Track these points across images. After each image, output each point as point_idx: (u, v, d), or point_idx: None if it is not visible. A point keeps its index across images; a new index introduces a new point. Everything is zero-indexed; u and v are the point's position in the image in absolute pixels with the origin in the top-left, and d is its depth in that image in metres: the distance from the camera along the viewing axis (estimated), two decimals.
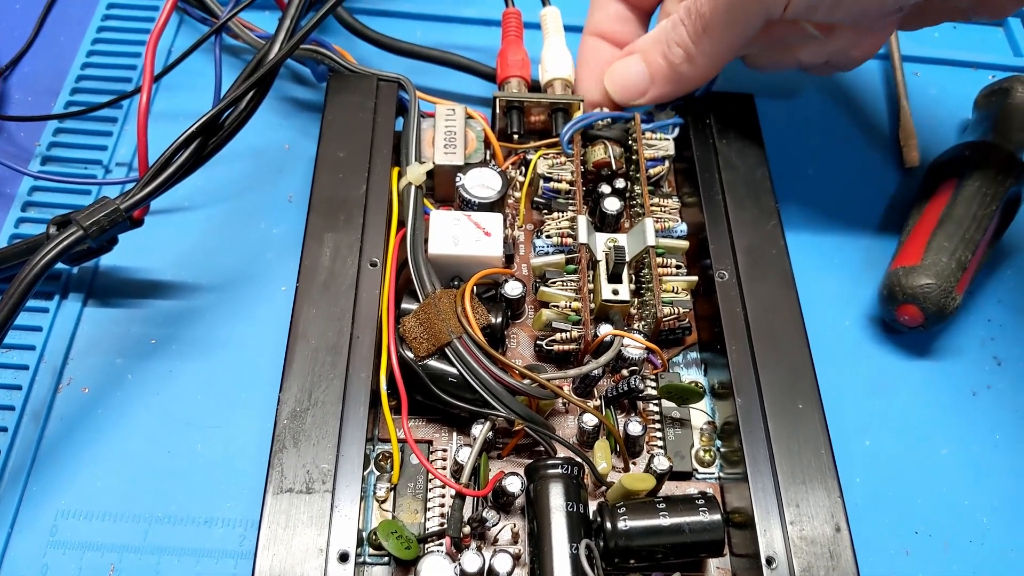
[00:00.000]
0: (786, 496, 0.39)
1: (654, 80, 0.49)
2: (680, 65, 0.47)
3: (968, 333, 0.51)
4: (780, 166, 0.51)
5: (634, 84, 0.49)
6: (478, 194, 0.47)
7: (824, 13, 0.44)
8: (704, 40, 0.46)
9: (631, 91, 0.49)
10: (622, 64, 0.50)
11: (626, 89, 0.50)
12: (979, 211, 0.49)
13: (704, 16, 0.45)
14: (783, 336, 0.43)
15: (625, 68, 0.50)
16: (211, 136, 0.43)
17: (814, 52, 0.48)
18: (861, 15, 0.44)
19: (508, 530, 0.40)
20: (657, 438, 0.44)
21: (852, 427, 0.47)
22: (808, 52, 0.48)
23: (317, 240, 0.44)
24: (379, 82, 0.50)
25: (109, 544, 0.41)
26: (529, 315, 0.47)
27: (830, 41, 0.48)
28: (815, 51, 0.48)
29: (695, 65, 0.47)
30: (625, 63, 0.50)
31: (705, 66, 0.47)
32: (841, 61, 0.50)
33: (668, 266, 0.45)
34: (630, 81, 0.49)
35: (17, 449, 0.43)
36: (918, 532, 0.44)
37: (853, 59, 0.50)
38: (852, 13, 0.44)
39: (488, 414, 0.41)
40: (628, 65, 0.49)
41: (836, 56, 0.49)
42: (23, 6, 0.60)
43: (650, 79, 0.49)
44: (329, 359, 0.40)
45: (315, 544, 0.36)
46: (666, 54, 0.48)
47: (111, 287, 0.48)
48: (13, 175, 0.51)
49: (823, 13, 0.44)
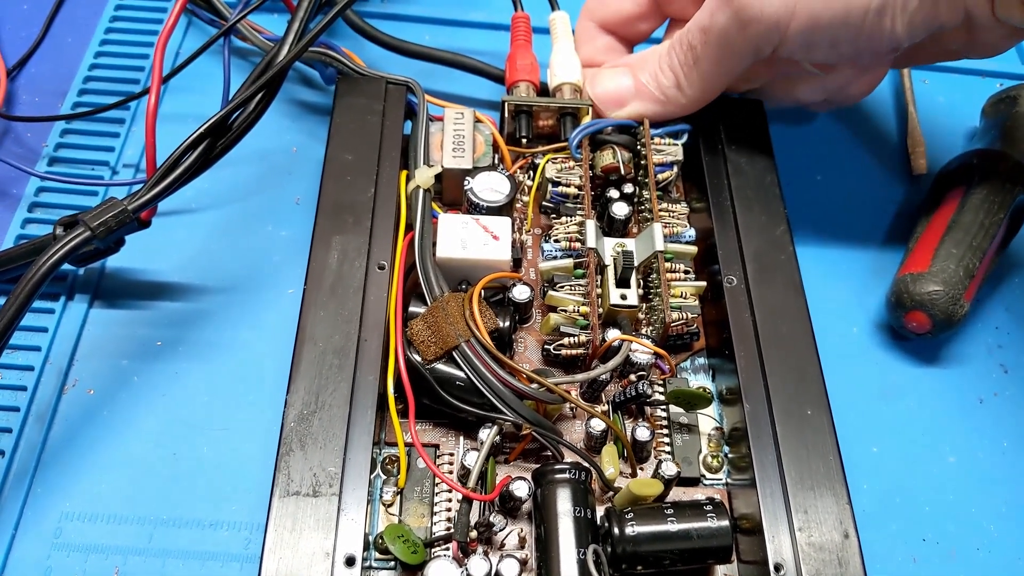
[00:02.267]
0: (794, 502, 0.38)
1: (639, 95, 0.49)
2: (668, 89, 0.48)
3: (976, 340, 0.51)
4: (788, 172, 0.51)
5: (617, 94, 0.49)
6: (486, 198, 0.47)
7: (819, 54, 0.45)
8: (693, 71, 0.47)
9: (612, 100, 0.50)
10: (609, 73, 0.50)
11: (608, 97, 0.50)
12: (987, 219, 0.49)
13: (695, 49, 0.46)
14: (791, 342, 0.43)
15: (611, 77, 0.50)
16: (219, 138, 0.43)
17: (813, 89, 0.49)
18: (856, 56, 0.45)
19: (515, 535, 0.40)
20: (665, 443, 0.44)
21: (859, 434, 0.46)
22: (807, 89, 0.49)
23: (325, 243, 0.44)
24: (388, 85, 0.50)
25: (114, 547, 0.40)
26: (537, 319, 0.47)
27: (829, 78, 0.48)
28: (814, 88, 0.49)
29: (684, 93, 0.48)
30: (613, 72, 0.50)
31: (692, 96, 0.48)
32: (839, 98, 0.50)
33: (676, 271, 0.45)
34: (613, 90, 0.50)
35: (22, 451, 0.43)
36: (925, 539, 0.44)
37: (851, 96, 0.50)
38: (846, 55, 0.45)
39: (495, 418, 0.40)
40: (615, 75, 0.50)
41: (834, 94, 0.50)
42: (30, 7, 0.60)
43: (635, 93, 0.49)
44: (336, 362, 0.40)
45: (321, 548, 0.36)
46: (656, 75, 0.48)
47: (117, 288, 0.48)
48: (20, 176, 0.51)
49: (818, 54, 0.45)
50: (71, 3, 0.60)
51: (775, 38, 0.43)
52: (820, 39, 0.43)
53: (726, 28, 0.44)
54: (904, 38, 0.42)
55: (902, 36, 0.42)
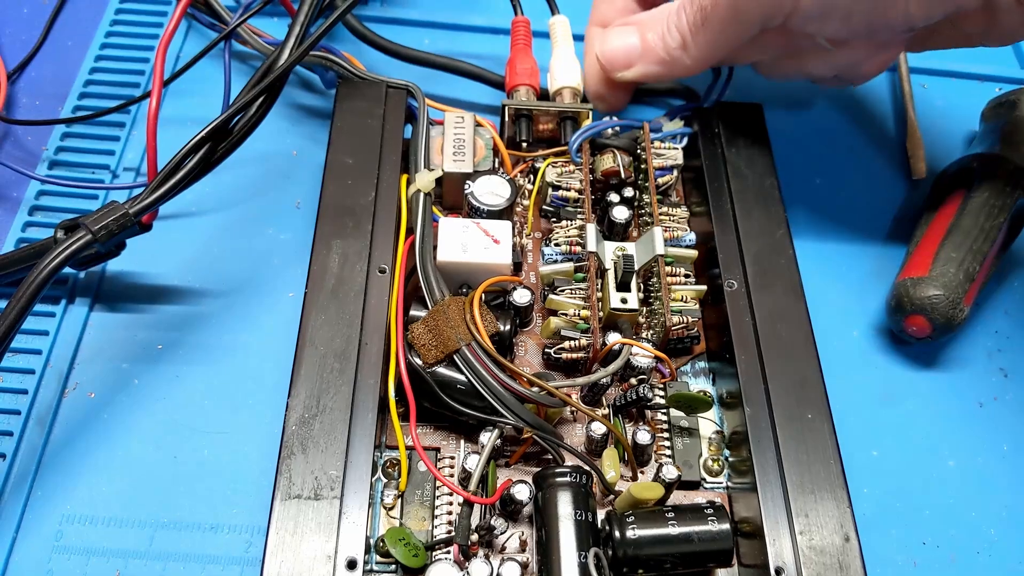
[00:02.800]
0: (795, 506, 0.39)
1: (644, 55, 0.48)
2: (674, 49, 0.47)
3: (975, 344, 0.51)
4: (788, 176, 0.51)
5: (624, 53, 0.49)
6: (487, 201, 0.47)
7: (831, 28, 0.44)
8: (701, 32, 0.46)
9: (619, 60, 0.49)
10: (617, 31, 0.50)
11: (615, 56, 0.49)
12: (987, 223, 0.49)
13: (705, 8, 0.45)
14: (792, 346, 0.43)
15: (619, 36, 0.49)
16: (220, 142, 0.43)
17: (824, 64, 0.48)
18: (868, 32, 0.45)
19: (516, 538, 0.40)
20: (665, 447, 0.44)
21: (859, 437, 0.46)
22: (818, 63, 0.48)
23: (326, 246, 0.44)
24: (388, 89, 0.50)
25: (114, 550, 0.40)
26: (537, 323, 0.47)
27: (840, 54, 0.48)
28: (825, 63, 0.48)
29: (688, 54, 0.47)
30: (620, 31, 0.49)
31: (697, 57, 0.47)
32: (850, 75, 0.50)
33: (677, 275, 0.45)
34: (620, 49, 0.49)
35: (22, 454, 0.42)
36: (925, 543, 0.44)
37: (862, 74, 0.50)
38: (860, 30, 0.44)
39: (496, 421, 0.40)
40: (623, 34, 0.49)
41: (845, 70, 0.49)
42: (31, 10, 0.60)
43: (640, 53, 0.48)
44: (337, 365, 0.40)
45: (323, 551, 0.36)
46: (663, 35, 0.47)
47: (118, 292, 0.48)
48: (21, 179, 0.51)
49: (831, 28, 0.44)
50: (71, 6, 0.60)
51: (787, 6, 0.43)
52: (833, 10, 0.43)
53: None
54: (919, 17, 0.42)
55: (916, 15, 0.42)
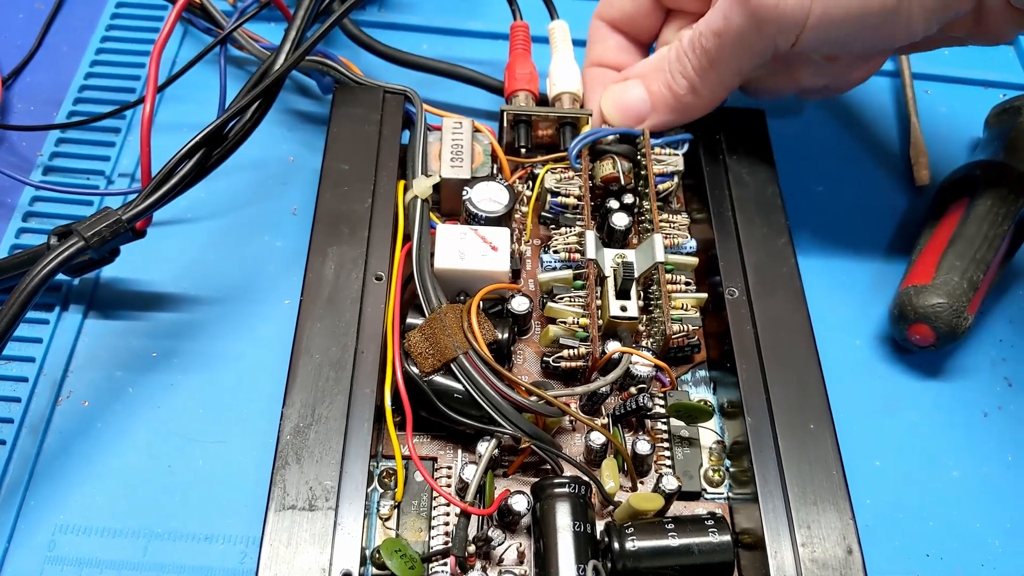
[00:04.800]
0: (797, 517, 0.38)
1: (655, 107, 0.48)
2: (684, 96, 0.47)
3: (979, 353, 0.50)
4: (790, 183, 0.50)
5: (633, 108, 0.49)
6: (485, 208, 0.46)
7: (833, 49, 0.44)
8: (710, 73, 0.46)
9: (630, 115, 0.49)
10: (621, 87, 0.49)
11: (625, 113, 0.49)
12: (991, 231, 0.48)
13: (709, 52, 0.45)
14: (794, 354, 0.43)
15: (624, 91, 0.49)
16: (215, 147, 0.43)
17: (815, 75, 0.48)
18: (869, 50, 0.45)
19: (514, 550, 0.40)
20: (666, 457, 0.43)
21: (862, 447, 0.46)
22: (809, 76, 0.48)
23: (321, 253, 0.43)
24: (385, 94, 0.50)
25: (108, 560, 0.40)
26: (536, 331, 0.46)
27: (831, 65, 0.48)
28: (816, 74, 0.48)
29: (699, 96, 0.47)
30: (624, 86, 0.49)
31: (709, 97, 0.47)
32: (839, 84, 0.50)
33: (677, 283, 0.45)
34: (629, 104, 0.49)
35: (15, 463, 0.42)
36: (929, 555, 0.44)
37: (852, 81, 0.50)
38: (860, 49, 0.44)
39: (494, 431, 0.40)
40: (627, 89, 0.49)
41: (834, 80, 0.49)
42: (26, 15, 0.59)
43: (651, 106, 0.48)
44: (333, 374, 0.40)
45: (317, 562, 0.35)
46: (669, 84, 0.47)
47: (112, 299, 0.47)
48: (14, 185, 0.51)
49: (833, 49, 0.44)
50: (66, 12, 0.60)
51: (792, 36, 0.43)
52: (837, 35, 0.42)
53: (742, 28, 0.43)
54: (921, 31, 0.42)
55: (919, 30, 0.42)
